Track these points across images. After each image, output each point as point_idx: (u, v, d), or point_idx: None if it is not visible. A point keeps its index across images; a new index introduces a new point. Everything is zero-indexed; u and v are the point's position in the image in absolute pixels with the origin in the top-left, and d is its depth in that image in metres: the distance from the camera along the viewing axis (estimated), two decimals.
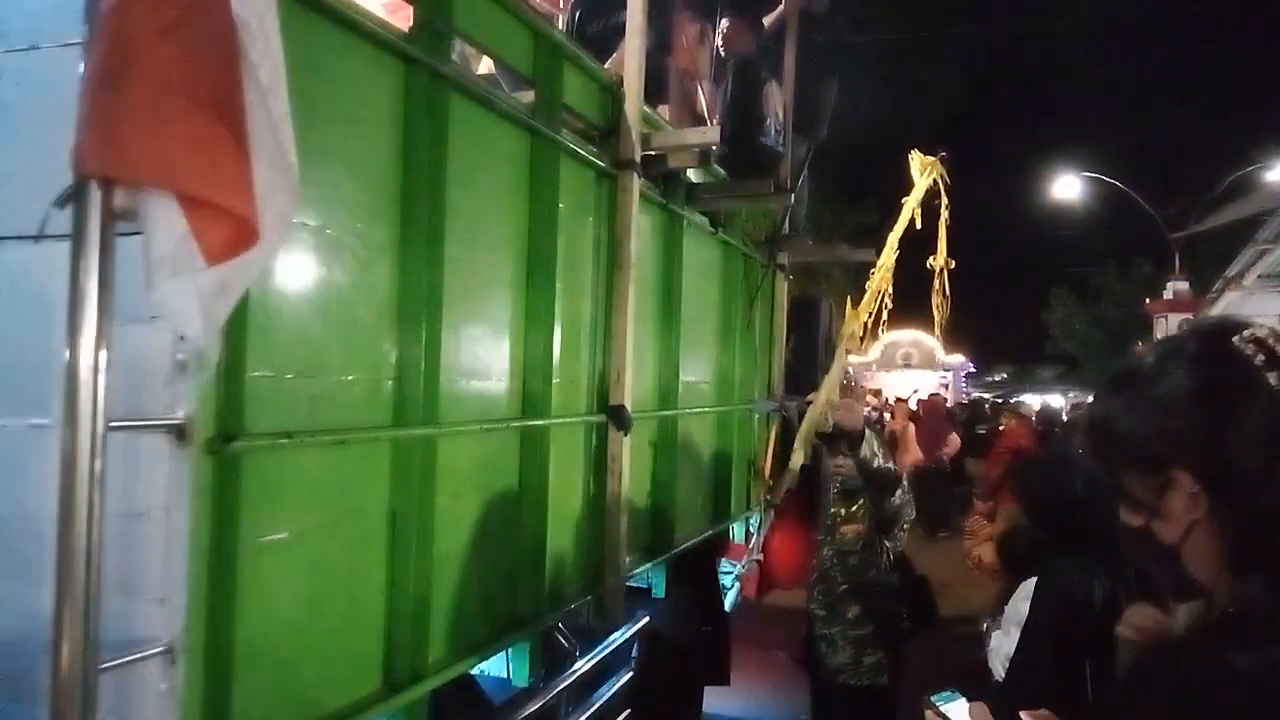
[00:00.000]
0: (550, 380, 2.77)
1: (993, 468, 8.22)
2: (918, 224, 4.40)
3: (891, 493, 3.53)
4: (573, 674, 3.04)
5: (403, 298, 2.12)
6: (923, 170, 4.38)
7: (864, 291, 4.43)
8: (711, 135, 3.63)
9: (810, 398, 4.09)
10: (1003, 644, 2.65)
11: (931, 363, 26.13)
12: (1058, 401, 26.13)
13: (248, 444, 1.64)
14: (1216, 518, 1.01)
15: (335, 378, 1.92)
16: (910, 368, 25.82)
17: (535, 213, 2.71)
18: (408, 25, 2.18)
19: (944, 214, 4.49)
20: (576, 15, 4.30)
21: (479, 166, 2.46)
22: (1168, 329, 15.22)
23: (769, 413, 5.37)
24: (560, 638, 3.05)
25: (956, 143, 5.65)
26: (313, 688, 1.88)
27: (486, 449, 2.54)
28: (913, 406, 14.59)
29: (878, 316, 4.42)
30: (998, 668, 2.67)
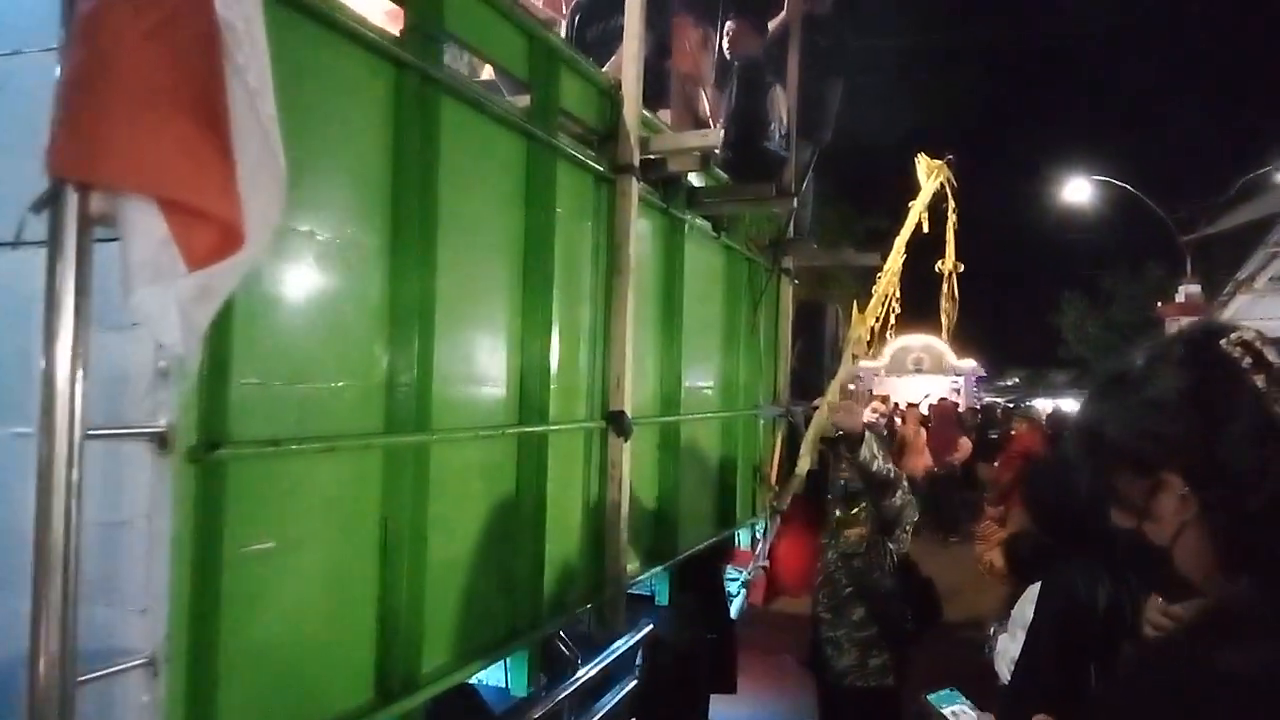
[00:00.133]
0: (548, 386, 2.75)
1: (1003, 472, 8.13)
2: (925, 228, 4.37)
3: (891, 494, 3.52)
4: (574, 682, 3.02)
5: (394, 303, 2.09)
6: (929, 173, 4.36)
7: (871, 296, 4.40)
8: (712, 138, 3.60)
9: (816, 403, 4.07)
10: (1008, 647, 2.66)
11: (942, 367, 26.07)
12: (1070, 406, 25.96)
13: (233, 452, 1.62)
14: (1206, 519, 1.02)
15: (325, 384, 1.90)
16: (921, 372, 25.78)
17: (532, 217, 2.69)
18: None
19: (951, 217, 4.46)
20: (576, 19, 4.29)
21: (472, 170, 2.44)
22: None
23: (775, 418, 5.33)
24: (562, 646, 3.03)
25: (966, 146, 5.64)
26: (301, 698, 1.86)
27: (483, 455, 2.52)
28: (924, 412, 14.52)
29: (885, 321, 4.39)
30: (1003, 670, 2.68)
